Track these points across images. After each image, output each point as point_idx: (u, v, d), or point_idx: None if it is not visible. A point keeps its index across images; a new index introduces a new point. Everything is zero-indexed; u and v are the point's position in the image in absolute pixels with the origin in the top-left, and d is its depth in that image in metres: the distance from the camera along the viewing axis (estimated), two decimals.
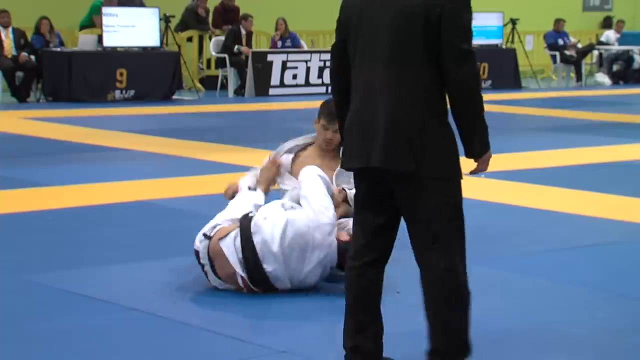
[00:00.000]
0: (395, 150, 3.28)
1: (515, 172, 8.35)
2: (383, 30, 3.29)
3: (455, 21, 3.25)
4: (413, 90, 3.29)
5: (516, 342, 4.12)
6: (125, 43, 14.49)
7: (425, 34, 3.24)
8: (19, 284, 4.84)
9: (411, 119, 3.29)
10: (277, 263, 4.59)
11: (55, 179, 7.80)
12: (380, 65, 3.30)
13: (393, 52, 3.28)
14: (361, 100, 3.36)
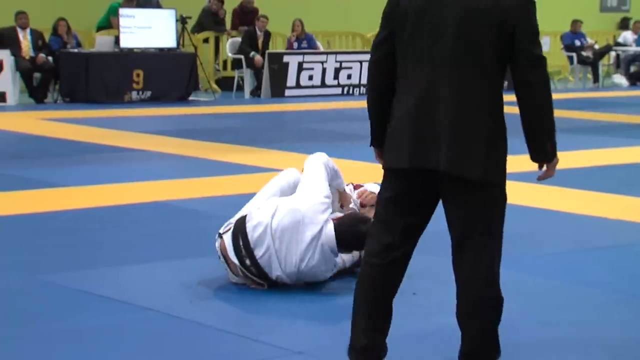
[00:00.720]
0: (463, 156, 3.25)
1: (531, 174, 8.31)
2: (448, 31, 3.23)
3: (529, 27, 3.27)
4: (479, 94, 3.27)
5: (530, 343, 4.11)
6: (142, 44, 14.55)
7: (498, 38, 3.23)
8: (34, 284, 4.86)
9: (478, 125, 3.27)
10: (267, 245, 4.59)
11: (71, 179, 7.84)
12: (444, 66, 3.24)
13: (460, 54, 3.23)
14: (418, 100, 3.27)
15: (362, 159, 8.86)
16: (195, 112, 13.59)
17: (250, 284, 4.73)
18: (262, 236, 4.62)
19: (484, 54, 3.24)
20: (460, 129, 3.25)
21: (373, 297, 3.47)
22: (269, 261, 4.64)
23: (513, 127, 3.63)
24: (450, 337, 4.10)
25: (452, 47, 3.23)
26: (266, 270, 4.64)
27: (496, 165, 3.35)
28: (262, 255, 4.63)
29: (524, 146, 3.57)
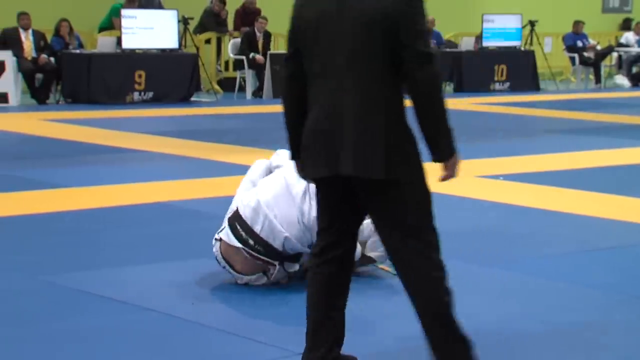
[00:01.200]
0: (365, 158, 3.32)
1: (533, 175, 8.33)
2: (342, 40, 3.33)
3: (412, 25, 3.29)
4: (376, 97, 3.33)
5: (533, 344, 4.11)
6: (144, 45, 14.55)
7: (385, 40, 3.29)
8: (36, 285, 4.87)
9: (378, 126, 3.33)
10: (264, 216, 4.62)
11: (73, 180, 7.84)
12: (341, 75, 3.34)
13: (354, 60, 3.32)
14: (322, 108, 3.38)
15: None
16: (197, 112, 13.60)
17: (254, 280, 4.73)
18: (256, 211, 4.66)
19: (377, 60, 3.31)
20: (362, 133, 3.33)
21: (317, 302, 3.54)
22: (271, 230, 4.64)
23: (517, 127, 3.62)
24: None
25: (347, 55, 3.33)
26: (270, 241, 4.64)
27: (401, 164, 3.36)
28: (261, 228, 4.65)
29: (526, 146, 3.57)
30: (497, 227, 6.41)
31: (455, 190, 7.61)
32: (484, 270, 5.24)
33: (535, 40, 18.49)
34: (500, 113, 14.18)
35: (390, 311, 4.52)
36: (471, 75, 17.36)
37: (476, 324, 4.28)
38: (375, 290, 4.86)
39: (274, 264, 4.71)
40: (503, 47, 17.81)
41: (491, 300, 4.72)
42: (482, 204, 7.16)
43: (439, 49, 17.64)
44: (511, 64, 17.66)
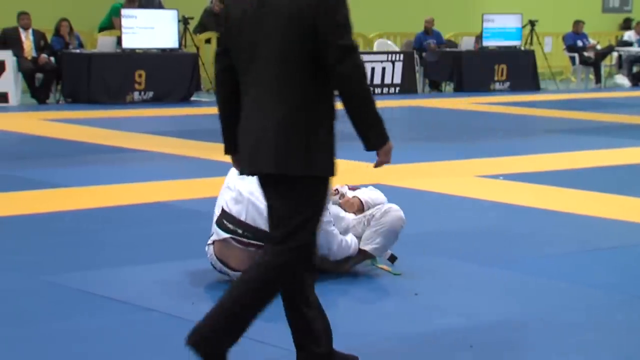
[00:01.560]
0: (284, 155, 3.35)
1: (533, 174, 8.33)
2: (266, 38, 3.36)
3: (331, 18, 3.31)
4: (300, 93, 3.36)
5: (532, 344, 4.10)
6: (144, 45, 14.55)
7: (307, 36, 3.32)
8: (37, 285, 4.86)
9: (299, 123, 3.35)
10: (246, 202, 4.69)
11: (73, 180, 7.84)
12: (264, 76, 3.38)
13: (275, 62, 3.36)
14: (249, 109, 3.44)
15: (358, 159, 8.85)
16: (197, 112, 13.59)
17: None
18: (238, 200, 4.75)
19: (297, 58, 3.34)
20: (282, 130, 3.35)
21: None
22: (256, 212, 4.68)
23: (517, 127, 3.62)
24: (452, 339, 4.10)
25: (267, 56, 3.37)
26: (258, 224, 4.67)
27: (322, 162, 3.39)
28: (246, 215, 4.71)
29: (526, 146, 3.57)
30: (497, 227, 6.40)
31: (455, 190, 7.62)
32: (484, 270, 5.24)
33: (536, 40, 18.49)
34: (501, 113, 14.18)
35: (390, 311, 4.51)
36: (471, 75, 17.36)
37: (477, 324, 4.29)
38: (375, 289, 4.86)
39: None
40: (503, 46, 17.80)
41: (491, 300, 4.71)
42: (482, 204, 7.15)
43: (439, 48, 17.65)
44: (511, 63, 17.66)
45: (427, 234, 6.04)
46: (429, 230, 6.18)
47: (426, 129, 12.52)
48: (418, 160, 9.15)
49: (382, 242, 5.01)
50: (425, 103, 15.51)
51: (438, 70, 17.48)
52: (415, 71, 17.13)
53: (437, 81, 17.80)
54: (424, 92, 17.41)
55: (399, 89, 16.81)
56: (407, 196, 7.29)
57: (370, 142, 3.45)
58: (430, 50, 17.50)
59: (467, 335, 4.13)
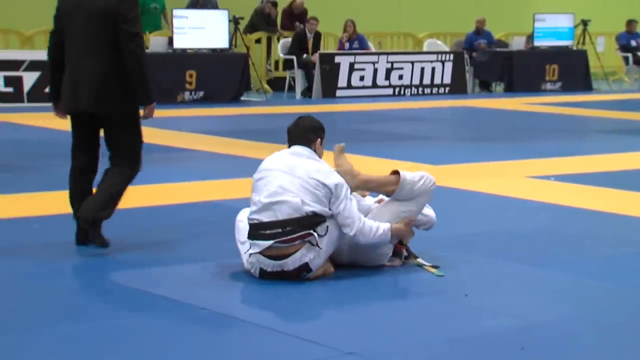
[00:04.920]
0: (98, 100, 5.44)
1: (585, 175, 8.24)
2: (84, 23, 5.45)
3: (125, 15, 5.39)
4: (106, 59, 5.43)
5: (585, 346, 4.06)
6: (195, 45, 14.66)
7: (110, 25, 5.41)
8: (89, 282, 4.93)
9: (106, 79, 5.42)
10: (274, 203, 4.85)
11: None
12: (85, 45, 5.46)
13: (91, 36, 5.45)
14: (72, 66, 5.49)
15: (408, 159, 8.85)
16: (247, 112, 13.66)
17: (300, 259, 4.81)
18: (264, 209, 4.91)
19: (104, 36, 5.43)
20: (97, 83, 5.43)
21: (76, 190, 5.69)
22: (287, 206, 4.81)
23: (569, 127, 3.59)
24: (503, 341, 4.07)
25: (87, 33, 5.46)
26: (294, 214, 4.78)
27: (126, 105, 5.52)
28: (279, 213, 4.83)
29: (579, 147, 3.54)
30: (548, 228, 6.35)
31: (505, 191, 7.57)
32: (534, 271, 5.20)
33: (588, 40, 18.28)
34: (552, 113, 14.04)
35: (440, 312, 4.50)
36: (522, 75, 17.22)
37: (527, 325, 4.26)
38: (424, 290, 4.85)
39: (311, 232, 4.79)
40: (555, 46, 17.63)
41: (542, 302, 4.68)
42: (533, 205, 7.10)
43: (489, 47, 17.53)
44: (563, 63, 17.49)
45: (477, 235, 6.01)
46: (479, 231, 6.15)
47: (476, 129, 12.45)
48: (468, 161, 9.10)
49: (416, 207, 5.09)
50: (475, 103, 15.42)
51: (488, 70, 17.37)
52: (466, 71, 17.04)
53: (487, 81, 17.68)
54: (474, 93, 17.31)
55: (448, 89, 16.74)
56: (457, 197, 7.26)
57: (142, 99, 5.58)
58: (481, 50, 17.39)
59: (518, 337, 4.10)
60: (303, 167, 4.94)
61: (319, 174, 4.91)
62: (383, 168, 8.21)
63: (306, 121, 5.18)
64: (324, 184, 4.87)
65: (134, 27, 5.39)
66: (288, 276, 4.83)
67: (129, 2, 5.43)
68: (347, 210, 4.87)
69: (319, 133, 5.15)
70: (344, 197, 4.88)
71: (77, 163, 5.68)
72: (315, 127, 5.15)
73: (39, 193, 7.32)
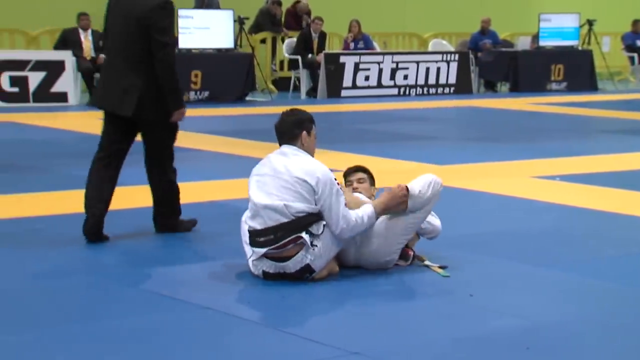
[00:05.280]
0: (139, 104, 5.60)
1: (590, 176, 8.23)
2: (120, 25, 5.64)
3: (157, 23, 5.50)
4: (135, 64, 5.58)
5: (590, 346, 4.06)
6: (200, 45, 14.68)
7: (143, 31, 5.52)
8: (96, 282, 4.94)
9: (132, 84, 5.57)
10: (261, 208, 4.84)
11: (130, 178, 7.91)
12: (118, 45, 5.64)
13: (125, 38, 5.61)
14: (106, 65, 5.86)
15: (413, 159, 8.85)
16: (252, 112, 13.67)
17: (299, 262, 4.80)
18: (255, 215, 4.90)
19: (136, 42, 5.56)
20: (126, 88, 5.60)
21: (98, 182, 5.84)
22: (273, 210, 4.79)
23: (575, 127, 3.59)
24: (508, 341, 4.07)
25: (120, 35, 5.64)
26: (281, 219, 4.76)
27: (160, 111, 5.65)
28: (268, 219, 4.81)
29: (584, 147, 3.53)
30: (553, 228, 6.34)
31: (510, 191, 7.56)
32: (540, 271, 5.20)
33: (593, 40, 18.26)
34: (557, 113, 14.03)
35: (445, 312, 4.50)
36: (527, 75, 17.21)
37: (533, 325, 4.25)
38: (429, 291, 4.85)
39: (300, 236, 4.76)
40: (560, 46, 17.62)
41: (547, 302, 4.67)
42: (538, 205, 7.09)
43: (494, 47, 17.52)
44: (568, 63, 17.47)
45: (482, 235, 6.00)
46: (484, 231, 6.15)
47: (481, 129, 12.44)
48: (473, 161, 9.10)
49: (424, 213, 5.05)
50: (480, 103, 15.41)
51: (493, 70, 17.36)
52: (471, 71, 17.03)
53: (493, 81, 17.67)
54: (479, 93, 17.30)
55: (453, 89, 16.73)
56: (462, 197, 7.25)
57: (171, 104, 5.66)
58: (486, 50, 17.38)
59: (523, 337, 4.10)
60: (287, 166, 4.89)
61: (300, 171, 4.84)
62: (388, 168, 8.22)
63: (290, 116, 5.10)
64: (304, 181, 4.81)
65: (165, 36, 5.48)
66: (291, 278, 4.82)
67: (163, 11, 5.50)
68: (330, 208, 4.79)
69: (304, 125, 5.04)
70: (328, 194, 4.79)
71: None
72: (299, 120, 5.05)
73: (44, 193, 7.33)
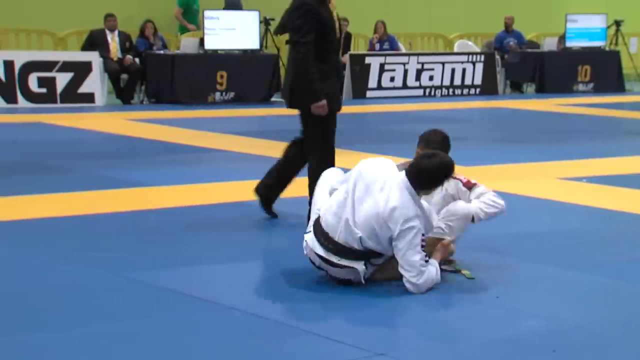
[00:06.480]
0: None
1: (618, 177, 8.17)
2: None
3: (290, 23, 5.99)
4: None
5: (617, 349, 4.03)
6: (226, 46, 14.72)
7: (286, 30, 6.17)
8: (121, 282, 4.96)
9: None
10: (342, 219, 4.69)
11: (156, 179, 7.97)
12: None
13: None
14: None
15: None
16: (278, 113, 13.67)
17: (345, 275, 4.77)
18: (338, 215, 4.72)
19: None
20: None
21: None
22: (349, 232, 4.65)
23: (602, 128, 3.56)
24: (535, 343, 4.05)
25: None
26: (350, 243, 4.65)
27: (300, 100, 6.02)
28: (339, 234, 4.69)
29: (611, 148, 3.50)
30: (581, 230, 6.31)
31: (537, 192, 7.52)
32: (567, 273, 5.17)
33: (621, 41, 18.13)
34: (584, 114, 13.94)
35: (472, 314, 4.48)
36: (554, 76, 17.11)
37: (560, 328, 4.23)
38: (456, 293, 4.83)
39: (355, 267, 4.71)
40: (587, 47, 17.50)
41: (575, 304, 4.65)
42: (565, 207, 7.05)
43: (520, 48, 17.43)
44: (595, 64, 17.36)
45: (509, 237, 5.98)
46: (511, 232, 6.12)
47: (507, 130, 12.38)
48: (499, 162, 9.06)
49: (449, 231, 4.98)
50: (506, 104, 15.34)
51: (519, 71, 17.28)
52: (497, 72, 16.96)
53: (519, 82, 17.59)
54: (505, 94, 17.22)
55: (479, 90, 16.67)
56: None
57: (306, 99, 5.98)
58: (512, 51, 17.30)
59: (550, 339, 4.08)
60: (387, 201, 4.61)
61: (387, 213, 4.60)
62: None
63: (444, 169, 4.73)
64: (387, 226, 4.61)
65: (296, 35, 5.91)
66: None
67: (296, 12, 5.95)
68: (404, 258, 4.64)
69: (447, 171, 4.78)
70: (405, 245, 4.60)
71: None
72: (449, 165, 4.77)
73: (71, 193, 7.38)
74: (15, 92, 13.58)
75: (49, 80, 13.74)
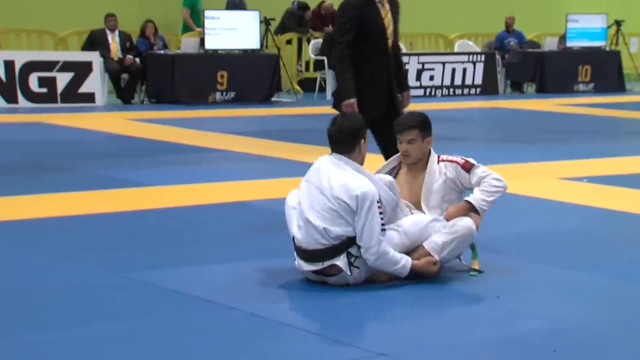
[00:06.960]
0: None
1: (618, 177, 8.17)
2: None
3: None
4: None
5: (617, 349, 4.03)
6: (227, 46, 14.72)
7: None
8: (122, 282, 4.96)
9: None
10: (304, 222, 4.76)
11: (156, 179, 7.97)
12: None
13: None
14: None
15: None
16: (278, 113, 13.69)
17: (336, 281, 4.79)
18: (306, 229, 4.78)
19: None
20: None
21: None
22: (315, 230, 4.70)
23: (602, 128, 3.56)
24: (535, 343, 4.05)
25: None
26: (322, 240, 4.69)
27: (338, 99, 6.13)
28: (309, 240, 4.75)
29: (612, 148, 3.50)
30: (581, 230, 6.30)
31: (538, 192, 7.52)
32: (567, 273, 5.17)
33: (621, 40, 18.13)
34: (584, 114, 13.94)
35: (473, 313, 4.48)
36: (554, 76, 17.11)
37: (560, 328, 4.23)
38: (456, 292, 4.83)
39: (338, 265, 4.71)
40: (587, 47, 17.50)
41: (575, 304, 4.65)
42: (566, 207, 7.05)
43: (520, 48, 17.43)
44: (596, 64, 17.36)
45: (509, 236, 5.98)
46: (511, 232, 6.12)
47: (508, 130, 12.38)
48: (500, 162, 9.04)
49: (450, 252, 4.92)
50: (506, 104, 15.34)
51: (520, 71, 17.28)
52: (497, 72, 16.96)
53: (519, 82, 17.58)
54: (505, 94, 17.22)
55: (480, 90, 16.67)
56: None
57: (337, 92, 6.18)
58: (513, 51, 17.30)
59: (550, 339, 4.08)
60: (331, 182, 4.71)
61: (341, 190, 4.66)
62: None
63: (347, 123, 4.84)
64: (343, 201, 4.64)
65: (337, 34, 6.22)
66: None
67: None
68: (366, 228, 4.61)
69: (361, 133, 4.85)
70: (365, 212, 4.61)
71: None
72: (357, 128, 4.83)
73: (72, 193, 7.38)
74: (15, 92, 13.58)
75: (50, 80, 13.75)
